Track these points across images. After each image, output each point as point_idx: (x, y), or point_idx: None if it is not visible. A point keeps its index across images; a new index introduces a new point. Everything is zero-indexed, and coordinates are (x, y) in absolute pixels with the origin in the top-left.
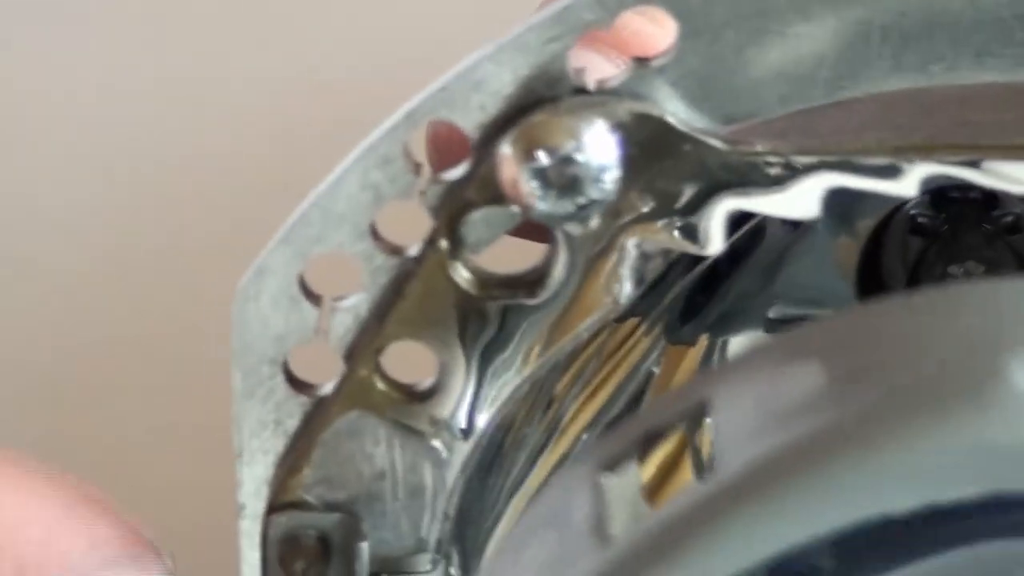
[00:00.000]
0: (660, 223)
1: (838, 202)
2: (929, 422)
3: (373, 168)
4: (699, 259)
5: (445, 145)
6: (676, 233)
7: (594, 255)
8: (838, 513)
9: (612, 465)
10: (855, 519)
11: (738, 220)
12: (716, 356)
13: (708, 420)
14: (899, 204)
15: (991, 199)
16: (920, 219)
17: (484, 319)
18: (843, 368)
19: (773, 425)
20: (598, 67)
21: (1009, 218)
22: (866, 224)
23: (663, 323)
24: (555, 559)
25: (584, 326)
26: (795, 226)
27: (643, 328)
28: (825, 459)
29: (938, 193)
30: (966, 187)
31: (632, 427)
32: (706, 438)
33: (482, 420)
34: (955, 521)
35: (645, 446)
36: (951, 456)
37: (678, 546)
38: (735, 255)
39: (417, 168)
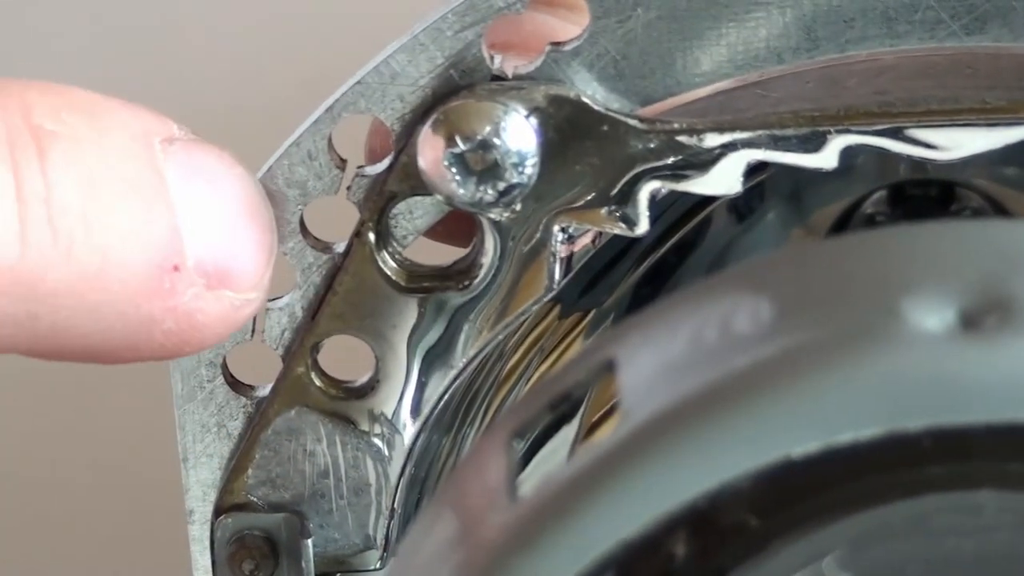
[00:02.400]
0: (586, 206)
1: (788, 190)
2: (827, 361)
3: (298, 164)
4: (647, 253)
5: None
6: (603, 215)
7: (522, 241)
8: (741, 458)
9: (523, 431)
10: (758, 464)
11: (687, 211)
12: None
13: (614, 377)
14: (856, 202)
15: (948, 194)
16: (878, 217)
17: (416, 311)
18: (743, 316)
19: (676, 376)
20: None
21: (967, 212)
22: (821, 215)
23: (609, 318)
24: (469, 519)
25: (517, 313)
26: (741, 218)
27: (587, 323)
28: (725, 404)
29: (896, 189)
30: (924, 183)
31: (541, 393)
32: (613, 395)
33: (422, 414)
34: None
35: (554, 410)
36: (848, 395)
37: (580, 502)
38: (683, 248)
39: (342, 163)
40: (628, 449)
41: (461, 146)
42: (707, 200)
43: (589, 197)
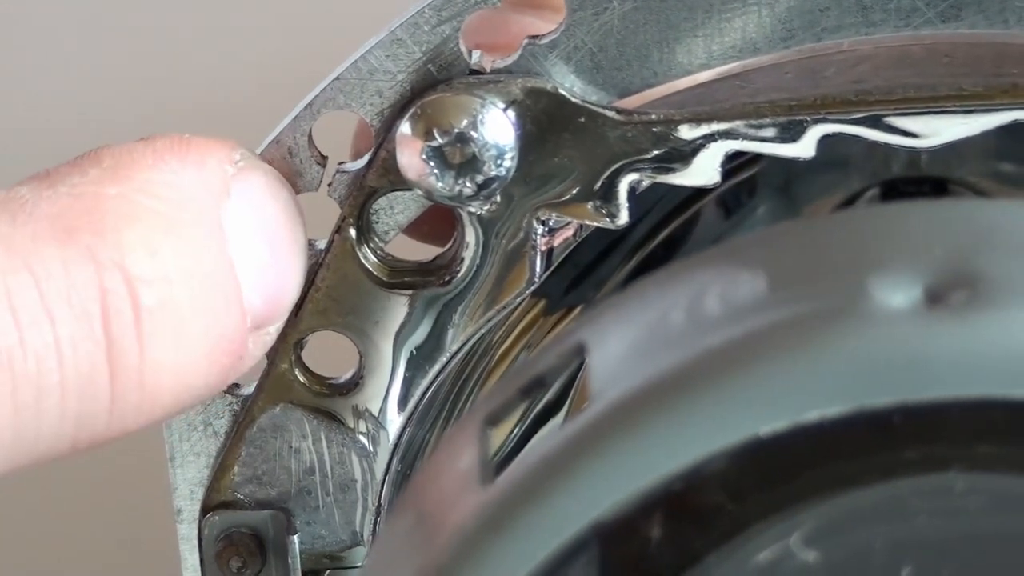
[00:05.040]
0: (566, 199)
1: (778, 185)
2: (793, 339)
3: (278, 161)
4: (636, 248)
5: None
6: (583, 207)
7: (503, 235)
8: (709, 437)
9: (495, 417)
10: (727, 443)
11: (676, 206)
12: None
13: (585, 361)
14: (848, 199)
15: (941, 190)
16: None
17: (399, 307)
18: (711, 296)
19: (644, 357)
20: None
21: None
22: (812, 210)
23: None
24: (441, 503)
25: (500, 307)
26: (730, 213)
27: (574, 317)
28: (692, 383)
29: (888, 186)
30: (916, 180)
31: (513, 379)
32: (584, 378)
33: (407, 410)
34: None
35: (527, 395)
36: (814, 372)
37: (550, 484)
38: (671, 243)
39: (323, 159)
40: (597, 430)
41: (439, 140)
42: (696, 195)
43: (569, 189)
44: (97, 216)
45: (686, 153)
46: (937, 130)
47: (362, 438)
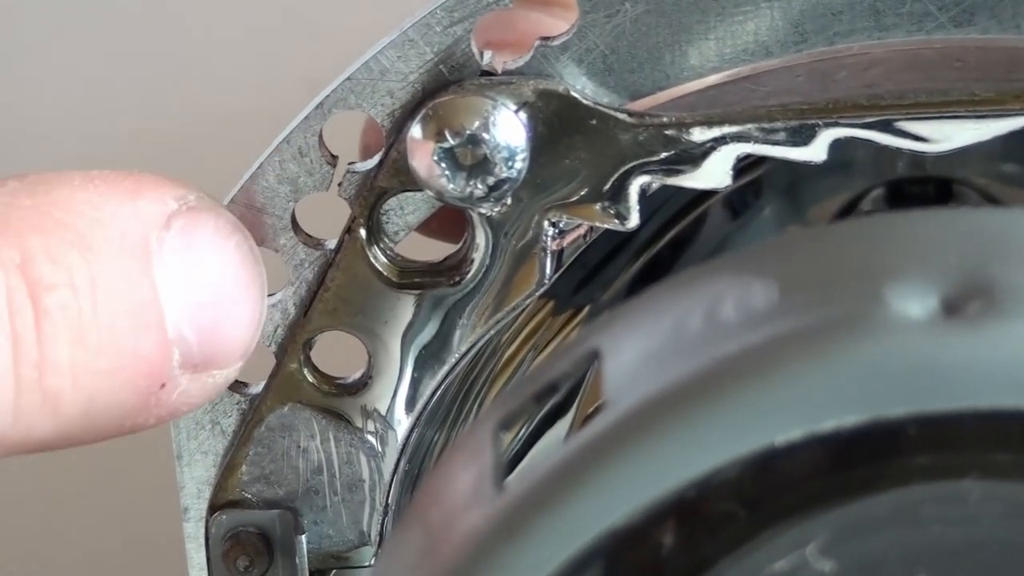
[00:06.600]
0: (576, 200)
1: (784, 186)
2: (809, 348)
3: (289, 161)
4: (643, 249)
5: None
6: (594, 209)
7: (513, 236)
8: (725, 446)
9: (508, 422)
10: (742, 452)
11: (683, 207)
12: None
13: (599, 367)
14: (853, 199)
15: (946, 192)
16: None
17: (408, 307)
18: (727, 304)
19: (660, 364)
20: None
21: None
22: (817, 211)
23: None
24: (454, 508)
25: (509, 308)
26: (736, 214)
27: (582, 319)
28: (708, 391)
29: (893, 187)
30: (921, 180)
31: (527, 384)
32: (597, 385)
33: (415, 410)
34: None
35: (540, 401)
36: (831, 382)
37: (565, 491)
38: (678, 243)
39: (333, 159)
40: (612, 437)
41: (450, 141)
42: (703, 196)
43: (580, 191)
44: (3, 222)
45: (697, 156)
46: (948, 135)
47: (370, 438)
